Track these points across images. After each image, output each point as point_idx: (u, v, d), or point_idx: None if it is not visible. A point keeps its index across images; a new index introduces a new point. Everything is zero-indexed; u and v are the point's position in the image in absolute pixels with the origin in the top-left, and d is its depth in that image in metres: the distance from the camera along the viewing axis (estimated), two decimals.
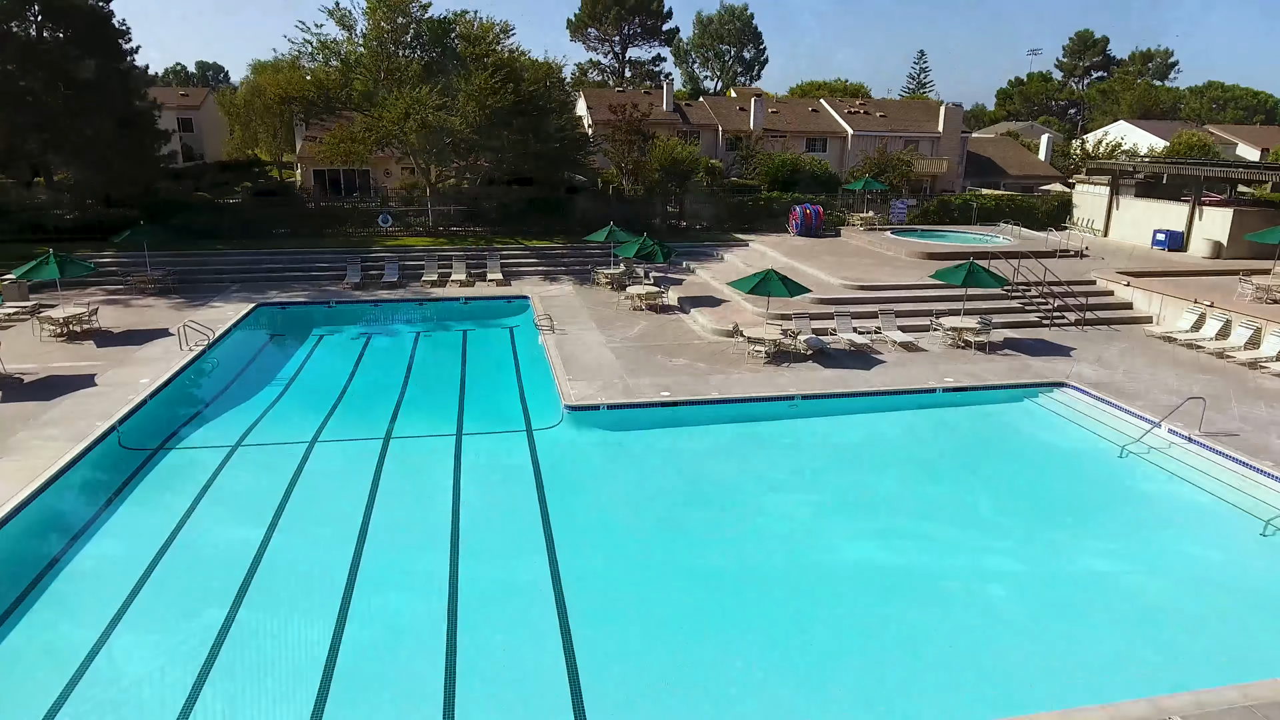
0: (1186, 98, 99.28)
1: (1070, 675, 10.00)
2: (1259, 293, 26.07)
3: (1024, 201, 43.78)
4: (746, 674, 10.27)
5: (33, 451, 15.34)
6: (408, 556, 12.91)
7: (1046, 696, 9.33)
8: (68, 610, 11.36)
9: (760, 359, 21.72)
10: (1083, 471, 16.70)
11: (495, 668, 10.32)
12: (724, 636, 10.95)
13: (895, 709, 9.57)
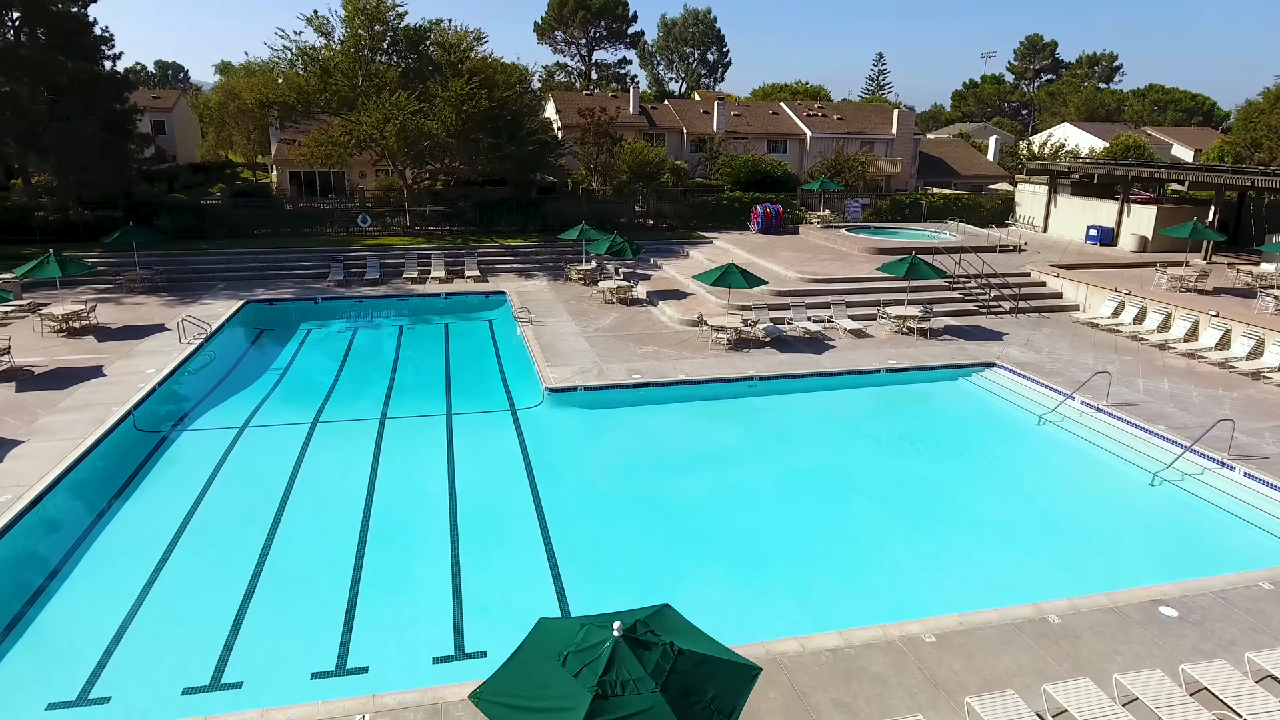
0: (1130, 100, 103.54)
1: (972, 587, 12.07)
2: (1173, 282, 28.75)
3: (971, 200, 46.49)
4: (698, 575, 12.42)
5: (59, 432, 16.79)
6: (412, 512, 14.64)
7: (954, 603, 11.37)
8: (120, 554, 12.94)
9: (722, 345, 23.74)
10: (1004, 435, 18.99)
11: (494, 579, 12.23)
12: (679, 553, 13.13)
13: (812, 600, 11.74)
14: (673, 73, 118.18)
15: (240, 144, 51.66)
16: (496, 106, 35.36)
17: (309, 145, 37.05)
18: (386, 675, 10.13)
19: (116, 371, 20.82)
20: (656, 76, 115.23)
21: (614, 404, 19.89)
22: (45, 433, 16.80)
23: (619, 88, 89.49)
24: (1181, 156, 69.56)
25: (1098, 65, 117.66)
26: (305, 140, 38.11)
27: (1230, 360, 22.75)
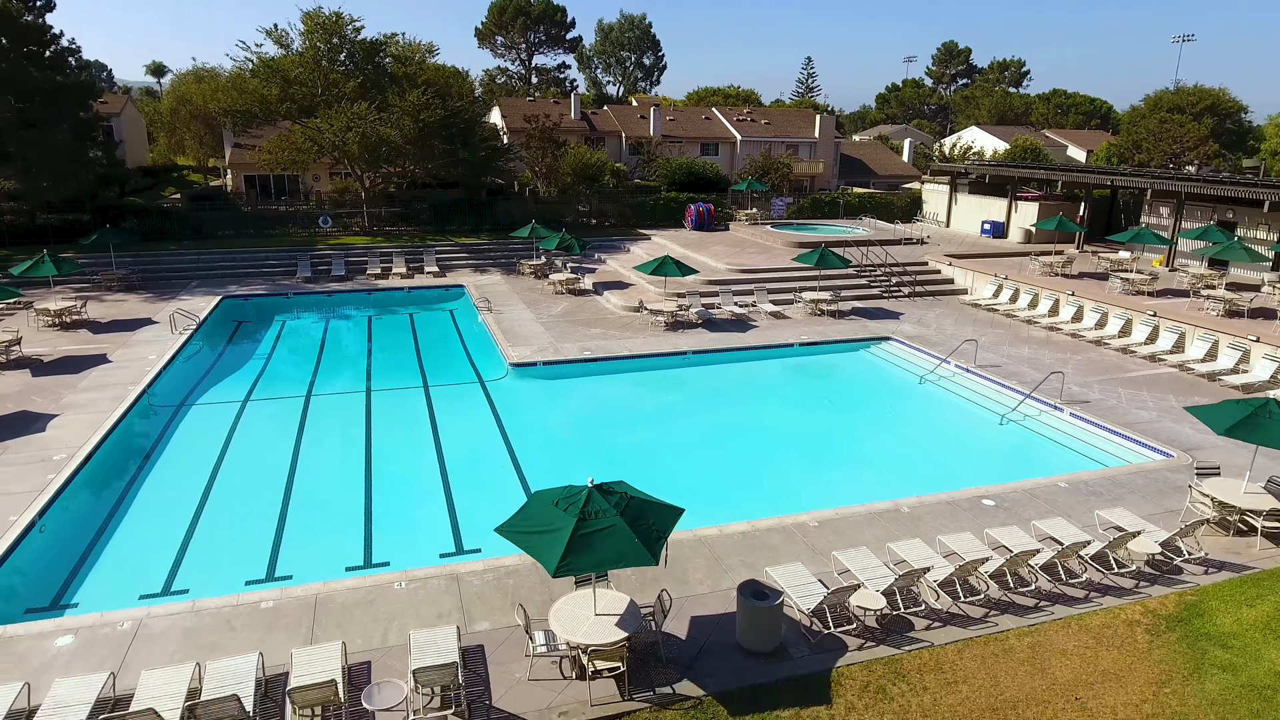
0: (1036, 104, 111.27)
1: (852, 496, 15.86)
2: (1044, 268, 33.56)
3: (884, 198, 51.23)
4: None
5: (86, 407, 19.35)
6: (406, 456, 17.80)
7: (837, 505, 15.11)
8: (169, 490, 15.78)
9: (660, 327, 27.33)
10: (891, 392, 23.06)
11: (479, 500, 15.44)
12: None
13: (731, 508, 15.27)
14: (610, 76, 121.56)
15: (193, 148, 53.04)
16: (451, 115, 38.30)
17: (272, 150, 39.34)
18: (404, 567, 13.35)
19: (121, 358, 23.27)
20: (594, 80, 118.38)
21: (569, 375, 23.29)
22: (74, 408, 19.34)
23: (559, 92, 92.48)
24: (1076, 157, 76.26)
25: (1007, 70, 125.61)
26: (267, 145, 40.35)
27: (1080, 330, 27.42)
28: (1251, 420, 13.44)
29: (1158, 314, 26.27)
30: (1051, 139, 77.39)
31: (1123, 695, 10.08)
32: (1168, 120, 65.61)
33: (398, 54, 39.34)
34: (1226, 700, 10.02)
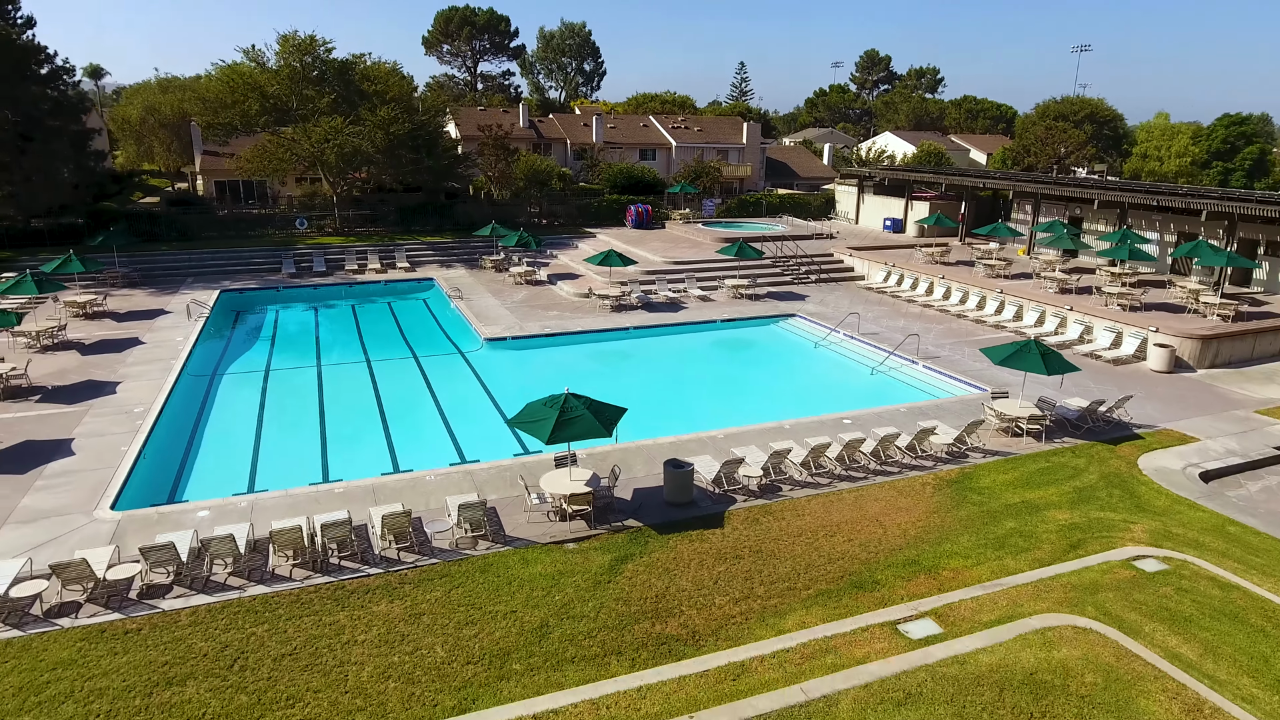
0: (949, 109, 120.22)
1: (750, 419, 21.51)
2: (928, 257, 40.10)
3: (803, 199, 57.63)
4: None
5: (141, 376, 23.82)
6: (411, 405, 22.83)
7: (736, 424, 20.69)
8: (230, 425, 20.53)
9: (607, 309, 32.75)
10: (792, 354, 28.96)
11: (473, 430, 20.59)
12: None
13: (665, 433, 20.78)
14: (552, 82, 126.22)
15: (161, 155, 56.20)
16: (417, 128, 43.02)
17: (251, 159, 43.41)
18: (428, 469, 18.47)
19: (153, 340, 27.62)
20: (537, 85, 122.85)
21: (533, 347, 28.54)
22: (131, 377, 23.79)
23: (505, 98, 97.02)
24: (978, 159, 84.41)
25: (924, 78, 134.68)
26: (246, 154, 44.38)
27: (947, 306, 33.87)
28: (1018, 355, 19.58)
29: (1004, 292, 32.87)
30: (956, 143, 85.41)
31: (907, 518, 15.92)
32: (1053, 127, 73.85)
33: (366, 72, 43.83)
34: (971, 519, 15.94)
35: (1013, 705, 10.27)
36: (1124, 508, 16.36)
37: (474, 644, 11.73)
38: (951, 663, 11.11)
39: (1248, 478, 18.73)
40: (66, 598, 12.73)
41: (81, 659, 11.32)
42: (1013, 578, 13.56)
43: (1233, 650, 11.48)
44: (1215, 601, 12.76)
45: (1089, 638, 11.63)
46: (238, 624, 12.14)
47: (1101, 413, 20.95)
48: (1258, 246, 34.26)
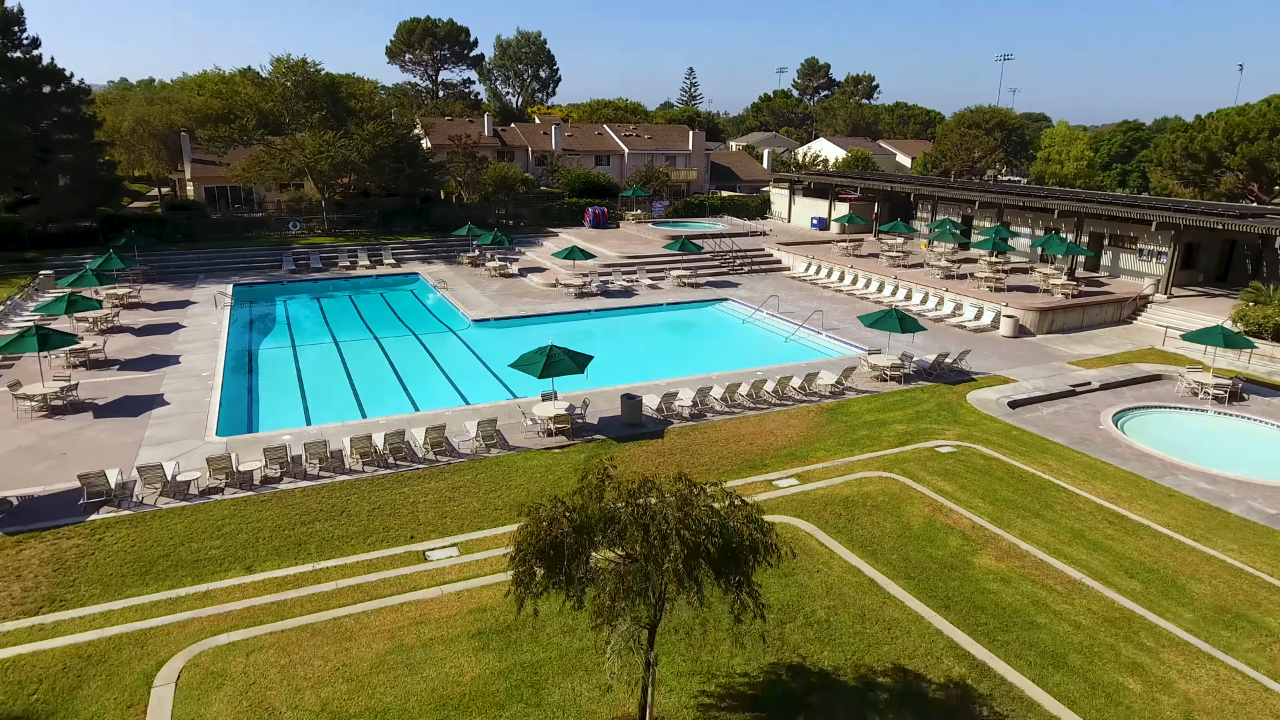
0: (883, 114, 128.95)
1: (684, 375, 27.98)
2: (843, 251, 47.21)
3: (742, 200, 64.56)
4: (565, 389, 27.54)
5: (197, 352, 29.32)
6: (418, 368, 28.83)
7: (674, 376, 27.12)
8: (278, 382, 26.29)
9: (571, 295, 38.99)
10: (724, 330, 35.61)
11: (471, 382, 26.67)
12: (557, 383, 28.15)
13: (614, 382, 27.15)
14: (509, 88, 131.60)
15: (151, 163, 60.55)
16: (399, 141, 48.69)
17: (248, 167, 48.58)
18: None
19: (192, 325, 33.05)
20: (495, 91, 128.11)
21: (513, 326, 34.67)
22: (188, 352, 29.30)
23: (466, 104, 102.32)
24: (903, 163, 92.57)
25: (860, 84, 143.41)
26: (241, 163, 49.49)
27: (853, 290, 40.92)
28: (882, 319, 26.45)
29: (899, 278, 40.05)
30: (885, 149, 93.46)
31: (794, 431, 22.53)
32: (967, 134, 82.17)
33: (352, 92, 49.34)
34: (837, 430, 22.59)
35: (831, 509, 16.90)
36: (945, 422, 23.27)
37: (498, 500, 17.96)
38: (799, 494, 17.72)
39: (1045, 405, 25.84)
40: (212, 483, 18.60)
41: (238, 514, 17.25)
42: (853, 457, 20.27)
43: (974, 487, 18.32)
44: (978, 466, 19.64)
45: (887, 481, 18.38)
46: (336, 495, 18.17)
47: (947, 363, 27.98)
48: (1103, 239, 42.02)
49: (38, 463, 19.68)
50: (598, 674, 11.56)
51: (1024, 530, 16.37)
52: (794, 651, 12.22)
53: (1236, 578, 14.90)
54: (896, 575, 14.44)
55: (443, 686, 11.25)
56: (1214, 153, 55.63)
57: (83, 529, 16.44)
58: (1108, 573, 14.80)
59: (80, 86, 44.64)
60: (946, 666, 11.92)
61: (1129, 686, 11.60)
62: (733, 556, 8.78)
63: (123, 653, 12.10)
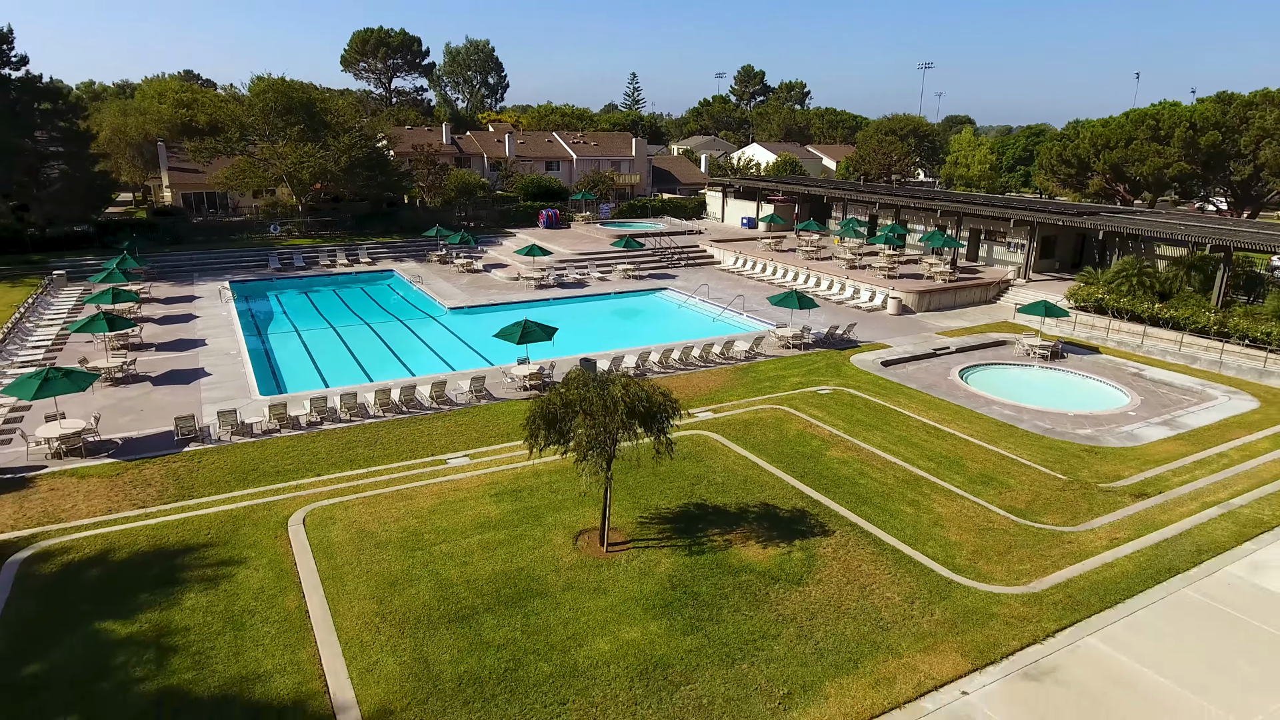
0: (814, 119, 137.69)
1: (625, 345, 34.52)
2: (766, 246, 54.42)
3: (681, 202, 71.47)
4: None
5: (219, 335, 34.75)
6: (410, 346, 34.79)
7: (622, 347, 33.59)
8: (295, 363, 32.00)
9: (532, 287, 45.23)
10: (661, 313, 42.32)
11: (456, 355, 32.78)
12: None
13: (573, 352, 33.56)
14: (459, 94, 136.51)
15: (128, 170, 64.50)
16: (372, 152, 54.15)
17: (230, 176, 53.47)
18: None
19: (205, 315, 38.32)
20: (445, 97, 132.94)
21: (484, 313, 40.76)
22: (210, 335, 34.69)
23: (419, 111, 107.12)
24: (829, 167, 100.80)
25: (793, 91, 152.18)
26: (223, 172, 54.32)
27: (773, 279, 48.09)
28: (785, 299, 33.44)
29: (810, 269, 47.35)
30: (812, 153, 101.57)
31: (713, 385, 29.28)
32: (884, 141, 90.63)
33: (327, 108, 54.62)
34: (747, 383, 29.44)
35: (733, 427, 23.67)
36: (829, 375, 30.31)
37: (490, 431, 24.20)
38: (713, 420, 24.47)
39: (910, 364, 33.14)
40: (270, 425, 24.45)
41: (296, 445, 23.15)
42: (755, 399, 27.11)
43: (838, 414, 25.32)
44: (845, 401, 26.69)
45: (776, 411, 25.27)
46: (368, 431, 24.19)
47: (839, 334, 35.16)
48: (980, 234, 50.03)
49: (122, 417, 25.22)
50: (574, 511, 18.05)
51: (865, 437, 23.40)
52: (699, 498, 18.90)
53: (1001, 461, 22.12)
54: (772, 461, 21.26)
55: (476, 518, 17.61)
56: (1083, 159, 64.63)
57: (181, 456, 22.20)
58: (914, 458, 21.88)
59: (77, 103, 49.07)
60: (795, 502, 18.74)
61: (905, 511, 18.57)
62: (653, 414, 15.38)
63: (257, 514, 18.11)
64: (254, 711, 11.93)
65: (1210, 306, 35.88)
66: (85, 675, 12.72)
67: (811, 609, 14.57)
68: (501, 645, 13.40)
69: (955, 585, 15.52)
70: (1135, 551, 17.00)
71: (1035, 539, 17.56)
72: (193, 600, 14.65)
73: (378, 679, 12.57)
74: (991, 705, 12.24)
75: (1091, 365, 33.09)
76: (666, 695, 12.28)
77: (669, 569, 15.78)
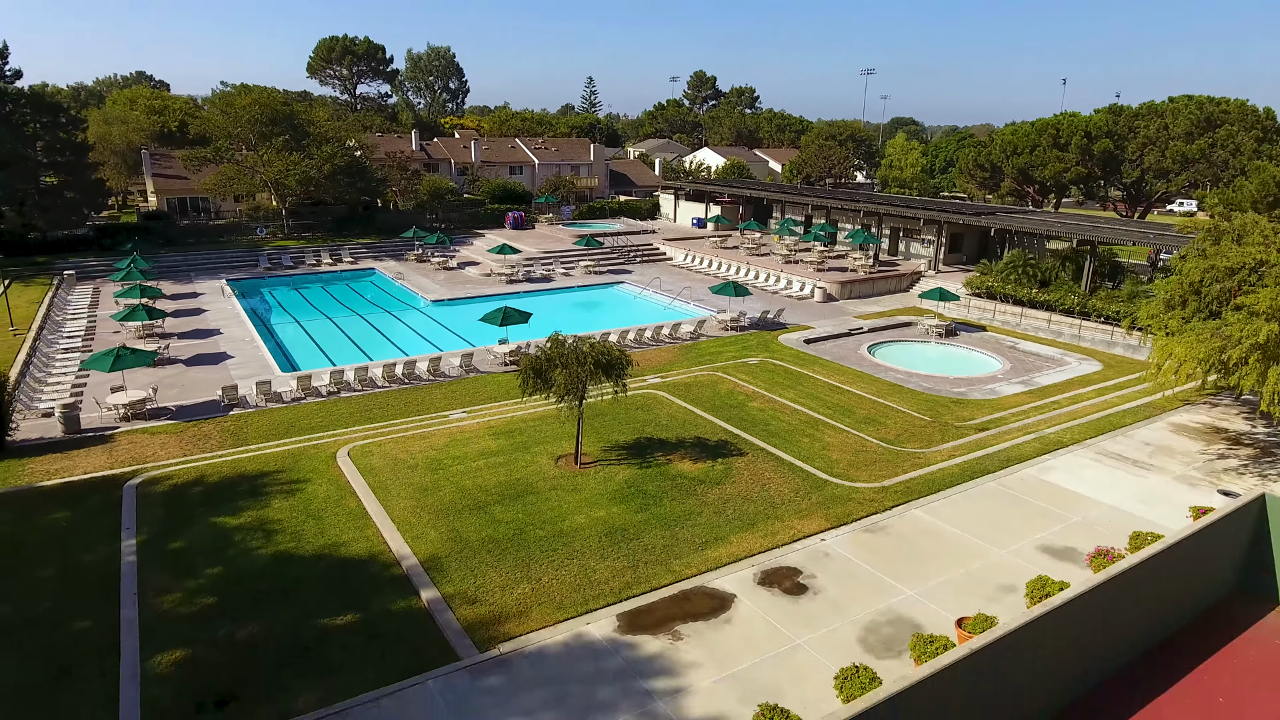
0: (763, 123, 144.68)
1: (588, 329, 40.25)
2: (713, 244, 60.59)
3: (637, 204, 77.34)
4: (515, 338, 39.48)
5: (231, 326, 39.60)
6: (399, 335, 40.08)
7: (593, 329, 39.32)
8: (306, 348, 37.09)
9: (504, 281, 50.67)
10: (622, 303, 48.16)
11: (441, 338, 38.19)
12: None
13: None
14: (420, 99, 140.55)
15: (113, 177, 68.05)
16: (353, 160, 58.99)
17: (218, 183, 57.84)
18: None
19: (213, 309, 43.04)
20: (407, 102, 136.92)
21: (462, 305, 46.13)
22: (224, 326, 39.53)
23: (384, 117, 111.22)
24: (775, 169, 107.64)
25: (743, 96, 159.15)
26: (211, 178, 58.64)
27: (719, 273, 54.28)
28: (723, 288, 39.53)
29: (749, 263, 53.63)
30: (759, 157, 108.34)
31: (663, 359, 35.20)
32: (824, 145, 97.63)
33: (310, 118, 59.26)
34: (691, 357, 35.44)
35: (676, 387, 29.58)
36: (759, 351, 36.43)
37: (481, 394, 29.76)
38: (661, 383, 30.38)
39: (829, 341, 39.43)
40: (298, 394, 29.67)
41: (322, 408, 28.41)
42: (696, 368, 33.09)
43: (762, 378, 31.44)
44: (769, 369, 32.83)
45: (712, 376, 31.30)
46: (379, 398, 29.55)
47: (770, 318, 41.38)
48: (899, 232, 56.84)
49: (169, 390, 30.16)
50: (554, 444, 23.80)
51: (780, 394, 29.54)
52: (648, 434, 24.77)
53: (885, 409, 28.40)
54: (705, 410, 27.25)
55: (480, 450, 23.26)
56: (995, 164, 72.18)
57: (229, 418, 27.37)
58: (816, 408, 28.06)
59: (78, 118, 53.07)
60: (720, 436, 24.75)
61: (803, 441, 24.70)
62: (613, 364, 21.22)
63: (308, 452, 23.49)
64: (343, 562, 17.46)
65: (1079, 291, 42.94)
66: (215, 547, 18.08)
67: (726, 498, 20.55)
68: (509, 522, 19.10)
69: (829, 483, 21.65)
70: (963, 462, 23.36)
71: (895, 457, 23.81)
72: (279, 503, 20.06)
73: (424, 542, 18.18)
74: (841, 547, 18.30)
75: (978, 340, 39.81)
76: (624, 545, 18.11)
77: (625, 477, 21.64)
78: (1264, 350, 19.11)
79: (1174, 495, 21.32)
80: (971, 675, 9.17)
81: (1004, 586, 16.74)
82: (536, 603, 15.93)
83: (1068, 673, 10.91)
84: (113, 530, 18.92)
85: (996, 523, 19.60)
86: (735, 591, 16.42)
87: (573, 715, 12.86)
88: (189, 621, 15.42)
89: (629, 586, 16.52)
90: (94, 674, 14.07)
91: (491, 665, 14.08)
